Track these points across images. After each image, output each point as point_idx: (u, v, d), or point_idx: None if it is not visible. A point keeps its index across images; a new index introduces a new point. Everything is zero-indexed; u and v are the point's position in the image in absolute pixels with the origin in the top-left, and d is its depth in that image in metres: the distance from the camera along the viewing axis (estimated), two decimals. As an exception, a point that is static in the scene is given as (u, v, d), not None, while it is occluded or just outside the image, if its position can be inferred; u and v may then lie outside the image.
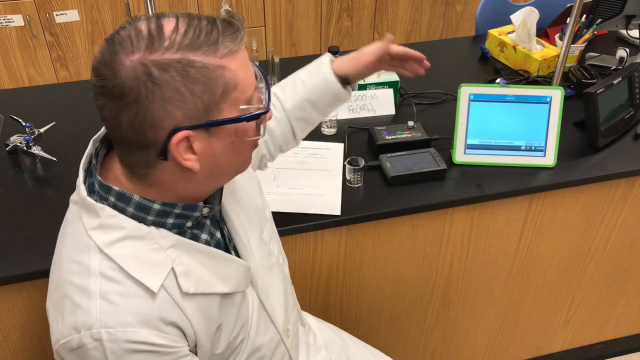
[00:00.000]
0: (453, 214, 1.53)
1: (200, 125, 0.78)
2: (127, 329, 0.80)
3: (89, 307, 0.81)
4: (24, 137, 1.48)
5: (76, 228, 0.86)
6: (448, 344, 1.89)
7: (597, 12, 1.88)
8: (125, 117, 0.76)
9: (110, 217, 0.83)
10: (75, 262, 0.84)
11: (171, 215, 0.86)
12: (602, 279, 1.88)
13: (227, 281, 0.94)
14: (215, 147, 0.81)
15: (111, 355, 0.81)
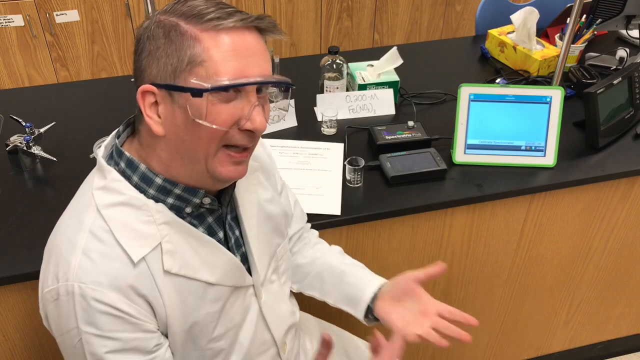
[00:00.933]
0: (453, 214, 1.53)
1: (163, 85, 0.82)
2: (97, 287, 0.83)
3: (70, 259, 0.84)
4: (24, 137, 1.48)
5: (85, 187, 0.91)
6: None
7: (597, 12, 1.88)
8: (134, 63, 0.85)
9: (115, 181, 0.87)
10: (73, 217, 0.89)
11: (171, 194, 0.89)
12: (602, 279, 1.88)
13: (214, 270, 0.94)
14: (176, 117, 0.83)
15: (79, 310, 0.83)
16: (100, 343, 0.85)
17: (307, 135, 1.65)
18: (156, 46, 0.82)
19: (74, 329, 0.85)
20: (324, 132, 1.67)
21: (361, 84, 1.77)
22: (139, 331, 0.87)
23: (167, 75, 0.81)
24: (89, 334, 0.84)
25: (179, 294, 0.90)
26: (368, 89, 1.77)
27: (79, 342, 0.85)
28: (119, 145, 0.89)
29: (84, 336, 0.84)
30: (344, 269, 1.21)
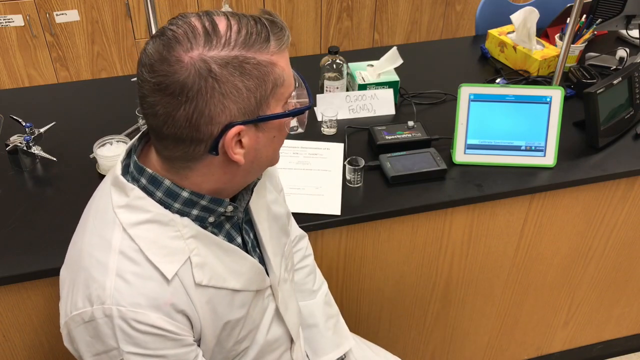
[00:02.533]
0: (453, 214, 1.53)
1: (252, 120, 0.80)
2: (137, 309, 0.82)
3: (104, 282, 0.82)
4: (24, 137, 1.48)
5: (103, 204, 0.88)
6: (448, 344, 1.89)
7: (597, 12, 1.88)
8: (182, 113, 0.77)
9: (138, 199, 0.85)
10: (98, 236, 0.86)
11: (197, 206, 0.88)
12: (602, 279, 1.88)
13: (239, 278, 0.95)
14: (260, 142, 0.84)
15: (119, 332, 0.82)
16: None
17: (307, 135, 1.65)
18: (232, 85, 0.77)
19: (113, 350, 0.83)
20: (324, 132, 1.67)
21: (361, 84, 1.77)
22: (181, 347, 0.87)
23: (252, 109, 0.80)
24: (131, 353, 0.83)
25: (210, 304, 0.91)
26: (368, 89, 1.77)
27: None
28: (138, 162, 0.87)
29: (126, 356, 0.83)
30: (318, 323, 1.28)
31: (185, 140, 0.80)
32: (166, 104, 0.77)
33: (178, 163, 0.84)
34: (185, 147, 0.80)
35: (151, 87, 0.78)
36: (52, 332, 1.40)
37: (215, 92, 0.76)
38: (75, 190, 1.45)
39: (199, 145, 0.80)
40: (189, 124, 0.78)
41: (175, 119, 0.77)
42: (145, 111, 0.81)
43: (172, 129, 0.78)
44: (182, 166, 0.84)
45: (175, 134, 0.79)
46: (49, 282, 1.30)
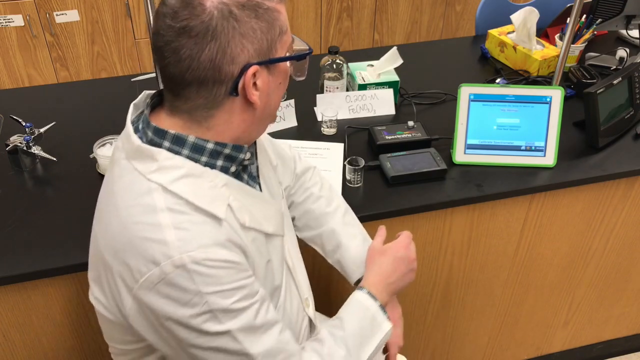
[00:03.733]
0: (453, 214, 1.53)
1: (265, 61, 0.87)
2: (206, 249, 0.84)
3: (164, 238, 0.84)
4: (24, 137, 1.48)
5: (129, 179, 0.89)
6: (448, 344, 1.89)
7: (597, 12, 1.88)
8: (206, 53, 0.82)
9: (168, 159, 0.88)
10: (138, 205, 0.87)
11: (221, 156, 0.92)
12: (602, 279, 1.88)
13: (270, 221, 1.00)
14: (270, 86, 0.90)
15: (196, 276, 0.84)
16: (225, 297, 0.86)
17: (307, 135, 1.66)
18: (249, 27, 0.83)
19: (194, 297, 0.84)
20: (324, 132, 1.67)
21: (361, 84, 1.77)
22: (250, 277, 0.91)
23: (264, 51, 0.86)
24: (212, 293, 0.85)
25: (254, 245, 0.95)
26: (368, 89, 1.77)
27: (204, 306, 0.85)
28: (158, 126, 0.90)
29: (209, 297, 0.85)
30: (343, 241, 1.26)
31: (207, 83, 0.84)
32: (192, 46, 0.82)
33: (200, 113, 0.88)
34: (208, 91, 0.85)
35: (175, 32, 0.82)
36: (52, 332, 1.40)
37: (236, 32, 0.82)
38: (75, 190, 1.45)
39: (220, 86, 0.85)
40: (212, 65, 0.83)
41: (200, 61, 0.82)
42: (166, 61, 0.84)
43: (196, 73, 0.83)
44: (204, 116, 0.88)
45: (199, 78, 0.84)
46: (49, 282, 1.30)
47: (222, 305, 0.86)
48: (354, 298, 1.10)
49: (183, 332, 0.87)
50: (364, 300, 1.09)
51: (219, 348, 0.87)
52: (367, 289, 1.11)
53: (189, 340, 0.87)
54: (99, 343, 1.47)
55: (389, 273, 1.15)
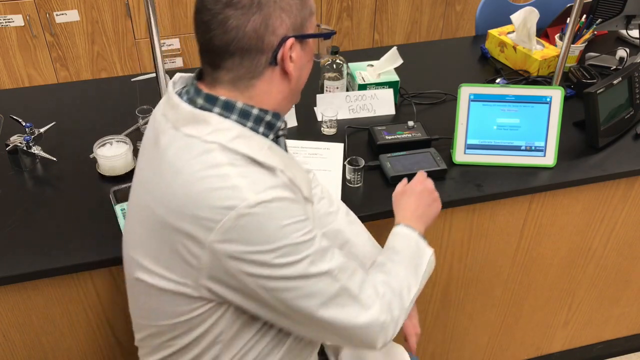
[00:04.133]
0: (453, 214, 1.53)
1: (300, 35, 0.95)
2: (274, 190, 0.90)
3: (235, 184, 0.89)
4: (24, 137, 1.48)
5: (183, 144, 0.94)
6: (448, 344, 1.89)
7: (597, 12, 1.88)
8: (251, 24, 0.90)
9: (221, 122, 0.94)
10: (199, 163, 0.91)
11: (262, 123, 0.98)
12: (602, 279, 1.88)
13: (306, 186, 1.05)
14: (302, 60, 0.98)
15: (272, 212, 0.89)
16: (299, 228, 0.91)
17: (307, 135, 1.66)
18: (286, 2, 0.92)
19: (273, 232, 0.89)
20: (324, 132, 1.67)
21: (361, 84, 1.77)
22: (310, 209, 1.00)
23: (298, 26, 0.94)
24: (287, 225, 0.90)
25: None
26: (368, 89, 1.77)
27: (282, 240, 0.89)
28: (209, 93, 0.96)
29: (286, 230, 0.90)
30: (350, 238, 1.30)
31: (251, 52, 0.92)
32: (239, 16, 0.89)
33: (242, 83, 0.95)
34: (250, 60, 0.92)
35: (223, 5, 0.90)
36: (52, 332, 1.40)
37: (277, 5, 0.91)
38: (75, 190, 1.45)
39: (262, 56, 0.93)
40: (256, 35, 0.91)
41: (246, 31, 0.90)
42: (212, 33, 0.91)
43: (241, 43, 0.91)
44: (245, 85, 0.95)
45: (244, 47, 0.91)
46: (49, 282, 1.30)
47: (297, 236, 0.91)
48: (395, 232, 1.18)
49: (261, 270, 0.90)
50: (404, 230, 1.17)
51: (300, 275, 0.91)
52: (402, 223, 1.19)
53: (271, 275, 0.90)
54: (98, 343, 1.47)
55: (415, 207, 1.24)
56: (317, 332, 1.00)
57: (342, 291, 0.95)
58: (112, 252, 1.29)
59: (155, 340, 1.06)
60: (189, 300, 0.96)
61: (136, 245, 1.00)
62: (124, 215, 1.35)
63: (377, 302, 0.99)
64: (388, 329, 1.01)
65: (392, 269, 1.08)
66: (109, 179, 1.48)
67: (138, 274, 1.00)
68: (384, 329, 1.00)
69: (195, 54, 3.17)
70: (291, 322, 0.97)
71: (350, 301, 0.96)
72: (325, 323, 0.96)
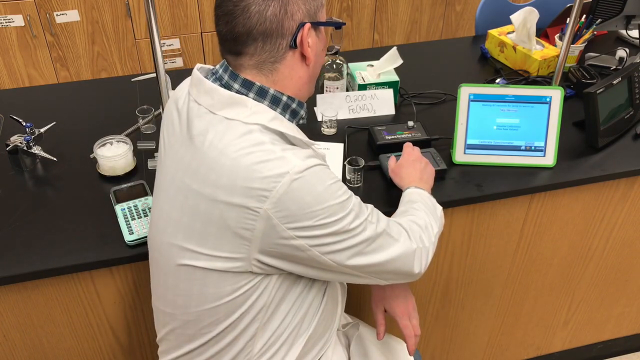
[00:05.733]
0: (453, 214, 1.53)
1: (315, 22, 1.02)
2: (314, 158, 0.98)
3: (282, 156, 0.95)
4: (24, 137, 1.48)
5: (224, 126, 0.99)
6: (448, 343, 1.89)
7: (597, 12, 1.88)
8: (271, 10, 0.97)
9: (257, 105, 1.01)
10: (244, 141, 0.97)
11: (289, 110, 1.06)
12: (602, 279, 1.88)
13: None
14: (318, 46, 1.05)
15: (318, 174, 0.97)
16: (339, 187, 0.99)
17: (307, 135, 1.65)
18: None
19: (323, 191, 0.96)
20: (324, 132, 1.67)
21: (361, 84, 1.77)
22: None
23: (312, 14, 1.01)
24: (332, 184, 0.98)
25: None
26: (368, 89, 1.77)
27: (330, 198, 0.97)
28: (246, 78, 1.02)
29: (332, 187, 0.97)
30: None
31: (272, 35, 0.98)
32: (260, 3, 0.96)
33: (267, 66, 1.01)
34: (272, 44, 0.99)
35: None
36: (52, 332, 1.40)
37: None
38: (75, 190, 1.45)
39: (282, 40, 0.99)
40: (276, 19, 0.97)
41: (267, 16, 0.97)
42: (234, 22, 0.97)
43: (263, 27, 0.97)
44: (269, 69, 1.02)
45: (265, 31, 0.97)
46: (49, 282, 1.31)
47: (340, 194, 0.99)
48: (407, 194, 1.28)
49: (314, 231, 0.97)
50: (415, 191, 1.27)
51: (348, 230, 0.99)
52: (412, 186, 1.29)
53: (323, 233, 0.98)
54: (98, 343, 1.47)
55: (413, 173, 1.33)
56: (359, 277, 1.08)
57: (380, 234, 1.05)
58: (112, 252, 1.29)
59: (188, 329, 1.09)
60: (236, 278, 1.01)
61: (176, 231, 1.04)
62: (124, 215, 1.35)
63: (407, 235, 1.11)
64: (422, 256, 1.12)
65: (413, 212, 1.20)
66: (109, 179, 1.48)
67: (181, 260, 1.04)
68: (418, 256, 1.11)
69: (196, 54, 3.18)
70: (337, 275, 1.06)
71: (388, 240, 1.06)
72: (370, 266, 1.05)
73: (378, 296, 1.29)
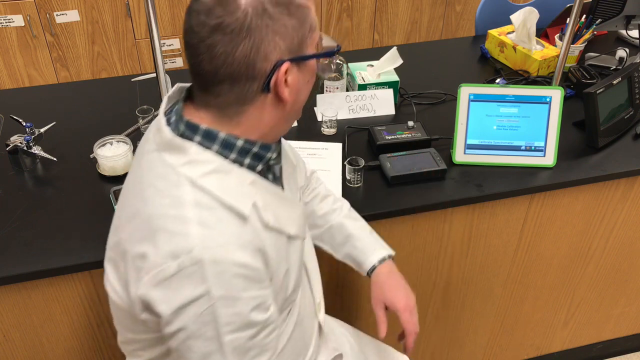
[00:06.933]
0: (453, 214, 1.53)
1: (297, 58, 0.87)
2: (226, 249, 0.84)
3: (187, 232, 0.84)
4: (24, 137, 1.48)
5: (159, 171, 0.90)
6: (448, 344, 1.89)
7: (597, 12, 1.88)
8: (241, 50, 0.82)
9: (199, 154, 0.89)
10: (166, 197, 0.87)
11: (249, 154, 0.92)
12: (602, 279, 1.88)
13: (294, 223, 0.99)
14: (300, 82, 0.90)
15: (210, 275, 0.83)
16: (230, 305, 0.85)
17: (307, 135, 1.66)
18: (282, 24, 0.84)
19: (202, 297, 0.84)
20: (324, 132, 1.67)
21: (361, 84, 1.77)
22: (263, 288, 0.90)
23: (295, 48, 0.86)
24: (222, 298, 0.84)
25: (275, 247, 0.93)
26: (368, 89, 1.77)
27: (209, 309, 0.84)
28: (190, 120, 0.90)
29: (218, 301, 0.84)
30: (353, 232, 1.29)
31: (241, 79, 0.85)
32: (226, 43, 0.82)
33: (232, 109, 0.88)
34: (241, 87, 0.85)
35: (210, 29, 0.82)
36: (52, 332, 1.40)
37: (269, 29, 0.83)
38: (75, 190, 1.45)
39: (253, 83, 0.85)
40: (246, 61, 0.83)
41: (235, 57, 0.83)
42: (199, 58, 0.84)
43: (230, 68, 0.84)
44: (235, 112, 0.89)
45: (232, 74, 0.84)
46: (49, 282, 1.30)
47: (227, 311, 0.85)
48: None
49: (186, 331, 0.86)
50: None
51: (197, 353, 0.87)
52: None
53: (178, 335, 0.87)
54: (98, 343, 1.47)
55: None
56: None
57: None
58: (112, 252, 1.29)
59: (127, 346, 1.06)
60: None
61: (107, 252, 1.00)
62: (124, 215, 1.35)
63: None
64: None
65: None
66: (109, 179, 1.48)
67: (105, 283, 0.99)
68: None
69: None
70: None
71: None
72: None
73: (377, 293, 1.25)
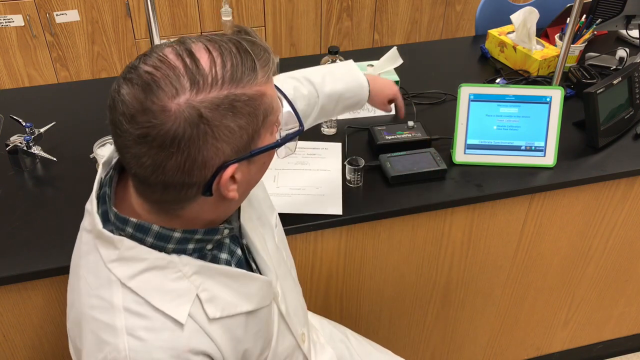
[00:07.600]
0: (453, 214, 1.53)
1: (245, 156, 0.77)
2: (161, 358, 0.78)
3: (117, 344, 0.78)
4: (24, 137, 1.48)
5: (92, 260, 0.83)
6: (448, 344, 1.89)
7: (597, 12, 1.88)
8: (173, 162, 0.72)
9: (130, 249, 0.80)
10: (96, 296, 0.81)
11: (192, 241, 0.83)
12: (602, 279, 1.88)
13: (252, 299, 0.92)
14: (251, 173, 0.81)
15: None
16: None
17: (307, 135, 1.66)
18: (225, 127, 0.72)
19: None
20: (324, 132, 1.67)
21: (361, 84, 1.77)
22: None
23: (245, 145, 0.76)
24: None
25: (227, 334, 0.87)
26: (368, 89, 1.76)
27: None
28: (119, 213, 0.81)
29: None
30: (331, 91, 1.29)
31: (176, 186, 0.75)
32: (154, 155, 0.71)
33: (168, 206, 0.79)
34: (176, 192, 0.76)
35: (135, 139, 0.72)
36: (52, 332, 1.40)
37: (208, 136, 0.71)
38: (75, 190, 1.45)
39: (190, 189, 0.76)
40: (180, 172, 0.73)
41: (166, 169, 0.72)
42: (127, 160, 0.75)
43: (162, 177, 0.73)
44: (172, 208, 0.80)
45: (165, 182, 0.74)
46: (49, 282, 1.30)
47: None
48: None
49: None
50: None
51: None
52: None
53: None
54: (99, 343, 1.47)
55: None
56: None
57: None
58: (112, 252, 1.29)
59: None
60: None
61: None
62: (123, 215, 1.35)
63: None
64: None
65: None
66: (109, 179, 1.48)
67: None
68: None
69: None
70: None
71: None
72: None
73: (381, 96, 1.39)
